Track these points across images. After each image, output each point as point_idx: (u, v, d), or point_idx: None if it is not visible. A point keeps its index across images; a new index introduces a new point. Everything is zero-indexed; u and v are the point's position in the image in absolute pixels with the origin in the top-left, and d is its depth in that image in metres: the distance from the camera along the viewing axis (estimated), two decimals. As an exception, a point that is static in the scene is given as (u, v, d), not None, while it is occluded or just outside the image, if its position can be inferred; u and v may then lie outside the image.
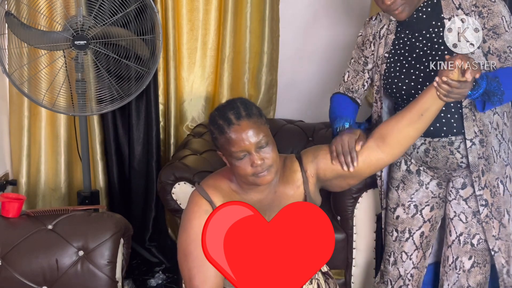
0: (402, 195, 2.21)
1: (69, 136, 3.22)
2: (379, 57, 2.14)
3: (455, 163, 2.08)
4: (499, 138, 2.06)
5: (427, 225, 2.21)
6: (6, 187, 3.10)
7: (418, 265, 2.25)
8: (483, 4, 1.96)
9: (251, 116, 1.69)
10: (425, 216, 2.20)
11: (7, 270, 2.17)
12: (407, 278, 2.25)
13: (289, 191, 1.84)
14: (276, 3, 3.31)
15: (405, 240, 2.23)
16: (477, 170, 2.04)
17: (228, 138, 1.67)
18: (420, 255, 2.25)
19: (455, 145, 2.04)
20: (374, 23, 2.19)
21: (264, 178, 1.70)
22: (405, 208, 2.21)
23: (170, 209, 2.75)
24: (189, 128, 3.37)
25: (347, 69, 2.28)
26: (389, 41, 2.11)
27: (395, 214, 2.24)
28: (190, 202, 1.79)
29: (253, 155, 1.67)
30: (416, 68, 2.03)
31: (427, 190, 2.19)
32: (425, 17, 2.03)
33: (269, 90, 3.42)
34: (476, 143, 2.02)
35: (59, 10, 2.75)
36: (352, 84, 2.26)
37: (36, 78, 2.80)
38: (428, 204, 2.20)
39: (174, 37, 3.23)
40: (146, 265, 3.32)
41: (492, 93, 1.83)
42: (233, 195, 1.80)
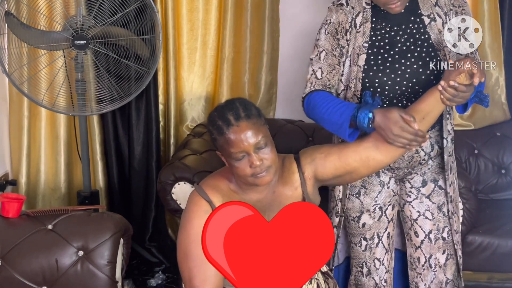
0: (366, 201, 2.13)
1: (69, 136, 3.22)
2: (358, 47, 2.00)
3: (418, 161, 2.07)
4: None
5: (391, 225, 2.17)
6: (6, 187, 3.10)
7: (389, 268, 2.21)
8: (459, 4, 1.99)
9: (250, 117, 1.69)
10: (389, 216, 2.15)
11: (7, 270, 2.17)
12: (382, 284, 2.19)
13: (287, 191, 1.83)
14: (276, 3, 3.31)
15: (376, 246, 2.16)
16: (448, 168, 2.07)
17: (227, 139, 1.67)
18: (389, 258, 2.20)
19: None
20: (348, 10, 2.01)
21: (263, 178, 1.70)
22: (371, 213, 2.13)
23: (170, 209, 2.75)
24: (189, 128, 3.37)
25: (318, 65, 2.04)
26: (366, 30, 2.00)
27: (360, 223, 2.15)
28: (190, 202, 1.79)
29: (252, 156, 1.67)
30: (401, 63, 1.96)
31: (388, 189, 2.14)
32: (403, 12, 1.98)
33: (269, 90, 3.42)
34: (448, 141, 2.06)
35: (59, 10, 2.75)
36: (329, 80, 2.03)
37: (36, 78, 2.80)
38: (390, 203, 2.15)
39: (174, 37, 3.23)
40: (146, 265, 3.32)
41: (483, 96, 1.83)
42: (232, 195, 1.80)
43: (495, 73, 3.24)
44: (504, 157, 3.15)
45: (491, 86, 3.25)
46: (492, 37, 3.18)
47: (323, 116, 1.92)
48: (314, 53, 2.07)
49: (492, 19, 3.16)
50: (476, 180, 3.11)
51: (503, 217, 2.87)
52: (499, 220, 2.84)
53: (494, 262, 2.75)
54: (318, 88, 2.03)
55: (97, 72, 2.79)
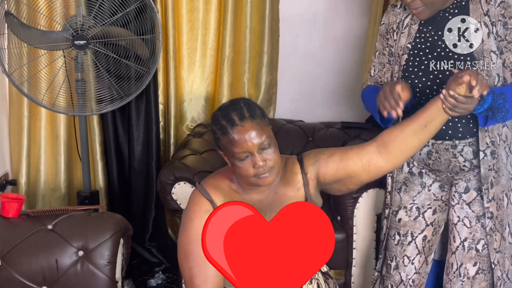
0: (404, 198, 2.19)
1: (69, 136, 3.22)
2: (401, 47, 2.08)
3: (458, 167, 2.06)
4: (507, 151, 2.05)
5: (429, 229, 2.19)
6: (6, 187, 3.10)
7: (420, 270, 2.22)
8: (510, 16, 1.92)
9: (254, 117, 1.68)
10: (428, 219, 2.18)
11: (7, 270, 2.17)
12: (408, 283, 2.22)
13: (289, 192, 1.83)
14: (276, 3, 3.31)
15: (408, 244, 2.20)
16: (486, 182, 2.02)
17: (231, 139, 1.67)
18: (422, 260, 2.22)
19: (458, 149, 2.02)
20: (399, 11, 2.12)
21: (266, 179, 1.70)
22: (407, 210, 2.18)
23: (170, 209, 2.75)
24: (189, 128, 3.37)
25: (373, 63, 2.22)
26: (412, 32, 2.06)
27: (397, 217, 2.21)
28: (191, 201, 1.79)
29: (255, 156, 1.67)
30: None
31: (429, 192, 2.16)
32: (451, 18, 1.99)
33: (269, 90, 3.42)
34: (488, 154, 2.00)
35: (58, 10, 2.75)
36: (380, 78, 2.19)
37: (35, 78, 2.80)
38: (431, 207, 2.17)
39: (174, 37, 3.23)
40: (146, 265, 3.32)
41: (496, 110, 1.82)
42: (233, 195, 1.80)
43: (495, 73, 3.23)
44: (504, 157, 3.15)
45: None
46: (492, 37, 3.18)
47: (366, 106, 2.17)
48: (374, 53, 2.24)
49: (492, 19, 3.16)
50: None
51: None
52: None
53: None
54: (370, 84, 2.22)
55: (97, 72, 2.79)
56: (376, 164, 1.82)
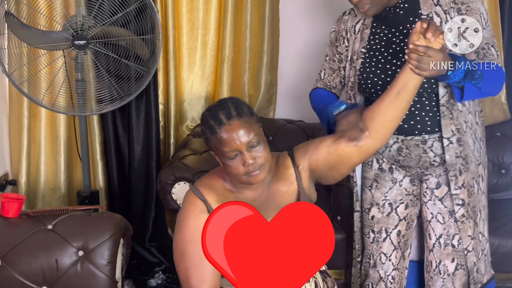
0: (376, 194, 2.18)
1: (69, 136, 3.22)
2: (354, 52, 2.09)
3: (428, 162, 2.07)
4: (473, 137, 2.05)
5: (403, 224, 2.18)
6: (6, 187, 3.10)
7: (398, 266, 2.20)
8: (461, 1, 1.95)
9: (241, 116, 1.69)
10: (400, 214, 2.17)
11: (7, 270, 2.17)
12: (388, 280, 2.20)
13: (282, 187, 1.84)
14: (276, 3, 3.31)
15: (383, 241, 2.19)
16: (454, 169, 2.02)
17: (219, 138, 1.68)
18: (399, 255, 2.20)
19: (428, 144, 2.03)
20: (347, 18, 2.15)
21: (256, 177, 1.71)
22: (380, 207, 2.18)
23: (170, 209, 2.75)
24: (189, 128, 3.37)
25: (323, 66, 2.24)
26: (365, 36, 2.08)
27: (370, 215, 2.20)
28: (185, 202, 1.80)
29: (244, 154, 1.68)
30: (392, 64, 2.00)
31: (400, 187, 2.16)
32: (402, 13, 2.00)
33: (269, 90, 3.42)
34: (453, 142, 2.01)
35: (59, 10, 2.75)
36: (330, 82, 2.22)
37: (35, 78, 2.80)
38: (403, 202, 2.16)
39: (174, 37, 3.23)
40: (146, 265, 3.32)
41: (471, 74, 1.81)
42: (227, 194, 1.80)
43: (495, 73, 3.23)
44: (504, 157, 3.15)
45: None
46: (492, 37, 3.18)
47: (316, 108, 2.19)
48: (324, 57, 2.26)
49: (492, 19, 3.15)
50: (476, 180, 3.10)
51: (503, 217, 2.87)
52: (499, 220, 2.83)
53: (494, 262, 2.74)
54: (320, 86, 2.25)
55: (97, 72, 2.79)
56: (365, 143, 1.84)
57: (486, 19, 1.96)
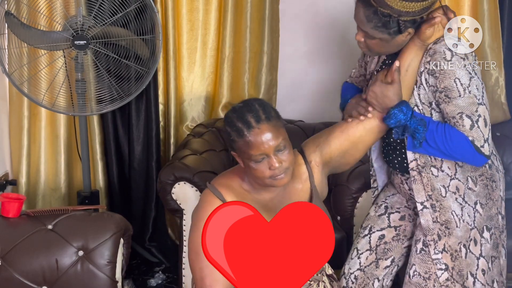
0: (380, 196, 2.18)
1: (69, 136, 3.22)
2: (369, 72, 2.08)
3: (406, 193, 2.07)
4: (460, 201, 1.92)
5: (391, 231, 2.10)
6: (6, 187, 3.10)
7: (366, 269, 2.10)
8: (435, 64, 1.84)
9: (270, 119, 1.68)
10: (392, 222, 2.11)
11: (7, 270, 2.17)
12: (350, 279, 2.10)
13: (297, 185, 1.84)
14: (276, 3, 3.31)
15: (362, 237, 2.13)
16: (431, 234, 1.93)
17: (247, 141, 1.66)
18: (371, 259, 2.09)
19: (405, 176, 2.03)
20: None
21: (281, 180, 1.70)
22: (377, 207, 2.16)
23: (170, 209, 2.75)
24: (189, 128, 3.37)
25: (356, 65, 2.23)
26: (381, 58, 2.04)
27: (368, 212, 2.20)
28: (203, 201, 1.78)
29: (271, 158, 1.67)
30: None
31: (402, 198, 2.13)
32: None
33: (269, 90, 3.42)
34: (428, 207, 1.93)
35: (59, 10, 2.75)
36: (357, 83, 2.22)
37: (36, 78, 2.80)
38: (399, 212, 2.11)
39: (174, 37, 3.23)
40: (146, 265, 3.32)
41: (414, 132, 1.83)
42: (244, 194, 1.79)
43: (495, 73, 3.24)
44: (504, 157, 3.15)
45: (491, 86, 3.25)
46: (492, 37, 3.18)
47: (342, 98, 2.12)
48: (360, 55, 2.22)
49: (492, 19, 3.16)
50: (476, 180, 3.10)
51: (503, 217, 2.87)
52: (499, 220, 2.83)
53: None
54: (349, 82, 2.22)
55: (97, 72, 2.79)
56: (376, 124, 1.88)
57: (465, 85, 1.79)
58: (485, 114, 1.81)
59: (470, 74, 1.80)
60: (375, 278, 2.10)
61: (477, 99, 1.80)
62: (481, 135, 1.80)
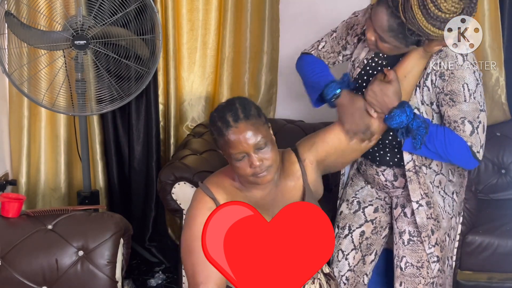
0: (348, 191, 2.18)
1: (69, 136, 3.22)
2: (358, 59, 2.04)
3: (381, 184, 2.08)
4: (442, 194, 2.01)
5: (369, 226, 2.13)
6: (6, 187, 3.10)
7: (355, 268, 2.13)
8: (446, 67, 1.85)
9: (249, 118, 1.69)
10: (368, 216, 2.14)
11: (7, 270, 2.17)
12: (341, 281, 2.12)
13: (290, 183, 1.85)
14: (276, 3, 3.31)
15: (344, 237, 2.14)
16: (426, 230, 1.99)
17: (226, 140, 1.68)
18: (358, 258, 2.13)
19: (381, 168, 2.04)
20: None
21: (264, 178, 1.71)
22: (349, 203, 2.16)
23: (170, 209, 2.75)
24: (189, 128, 3.37)
25: (325, 38, 2.14)
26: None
27: (339, 210, 2.19)
28: (194, 199, 1.80)
29: (251, 156, 1.68)
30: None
31: (371, 189, 2.15)
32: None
33: (269, 90, 3.42)
34: (423, 205, 1.98)
35: (59, 10, 2.75)
36: (324, 58, 2.14)
37: (36, 78, 2.80)
38: (372, 204, 2.14)
39: (174, 37, 3.23)
40: (146, 265, 3.32)
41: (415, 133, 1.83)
42: (236, 193, 1.80)
43: (495, 73, 3.23)
44: (504, 157, 3.15)
45: (491, 86, 3.24)
46: (492, 37, 3.18)
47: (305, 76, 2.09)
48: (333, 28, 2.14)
49: (492, 19, 3.16)
50: (476, 180, 3.10)
51: (503, 217, 2.87)
52: (499, 220, 2.84)
53: (494, 262, 2.74)
54: (312, 53, 2.15)
55: (97, 72, 2.79)
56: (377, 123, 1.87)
57: (472, 91, 1.82)
58: (484, 121, 1.84)
59: (477, 80, 1.82)
60: (364, 274, 2.15)
61: (480, 105, 1.83)
62: (479, 141, 1.82)
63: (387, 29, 1.77)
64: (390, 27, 1.76)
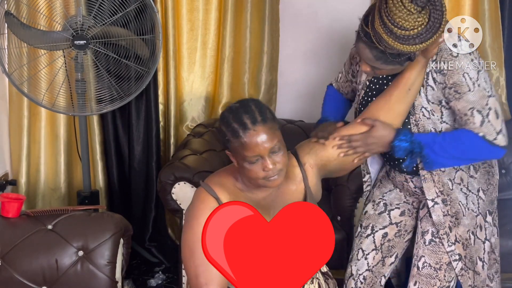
0: (376, 192, 2.18)
1: (69, 136, 3.22)
2: (360, 81, 2.07)
3: (410, 190, 2.09)
4: (465, 191, 1.99)
5: (392, 228, 2.13)
6: (6, 187, 3.10)
7: (374, 269, 2.12)
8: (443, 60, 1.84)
9: (266, 121, 1.68)
10: (393, 218, 2.13)
11: (7, 270, 2.17)
12: (359, 279, 2.11)
13: (291, 186, 1.85)
14: (276, 3, 3.31)
15: (366, 237, 2.13)
16: (443, 227, 1.98)
17: (242, 142, 1.66)
18: (378, 258, 2.12)
19: (410, 175, 2.04)
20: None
21: (274, 181, 1.71)
22: (375, 204, 2.16)
23: (170, 209, 2.75)
24: (189, 128, 3.37)
25: (342, 69, 2.24)
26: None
27: (364, 210, 2.19)
28: (196, 199, 1.77)
29: (265, 159, 1.67)
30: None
31: (400, 193, 2.15)
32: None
33: (269, 90, 3.42)
34: (438, 202, 1.97)
35: (58, 10, 2.74)
36: (342, 88, 2.25)
37: (35, 78, 2.80)
38: (399, 208, 2.14)
39: (174, 37, 3.23)
40: (146, 265, 3.32)
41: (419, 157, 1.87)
42: (238, 193, 1.79)
43: (495, 73, 3.23)
44: (504, 157, 3.12)
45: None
46: (492, 37, 3.18)
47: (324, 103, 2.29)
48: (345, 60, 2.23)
49: (492, 19, 3.16)
50: (476, 180, 3.10)
51: (503, 217, 2.86)
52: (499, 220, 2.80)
53: (494, 262, 2.74)
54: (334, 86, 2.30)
55: (97, 72, 2.79)
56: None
57: (474, 79, 1.80)
58: (496, 106, 1.83)
59: (477, 67, 1.82)
60: (382, 275, 2.14)
61: (487, 91, 1.82)
62: (491, 129, 1.83)
63: (375, 59, 1.81)
64: (376, 56, 1.79)
